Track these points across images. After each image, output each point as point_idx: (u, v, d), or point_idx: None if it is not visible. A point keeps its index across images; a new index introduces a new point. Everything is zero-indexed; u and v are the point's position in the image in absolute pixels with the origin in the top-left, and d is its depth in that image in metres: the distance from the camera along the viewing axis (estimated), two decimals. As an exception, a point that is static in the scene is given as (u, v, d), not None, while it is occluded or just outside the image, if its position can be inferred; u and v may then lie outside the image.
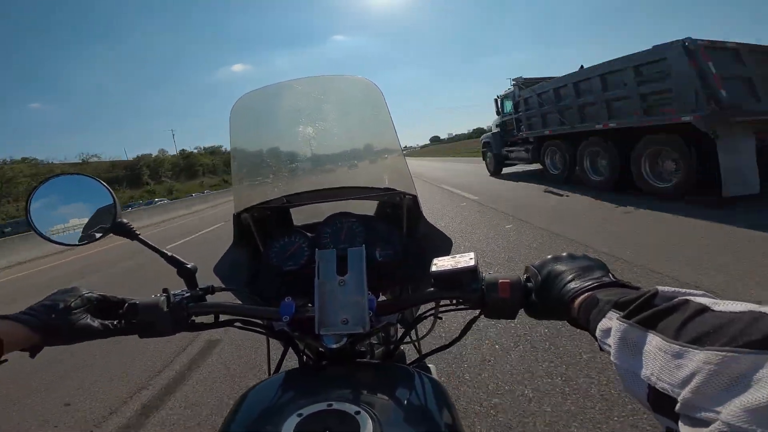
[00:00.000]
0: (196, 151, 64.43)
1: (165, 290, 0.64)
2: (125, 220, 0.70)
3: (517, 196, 7.28)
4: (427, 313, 0.71)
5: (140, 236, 0.70)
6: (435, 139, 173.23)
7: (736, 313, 0.29)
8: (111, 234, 0.70)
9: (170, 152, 62.38)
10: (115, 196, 0.69)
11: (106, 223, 0.69)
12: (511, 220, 5.31)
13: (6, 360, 0.49)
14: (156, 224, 14.65)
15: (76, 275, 6.82)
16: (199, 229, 10.47)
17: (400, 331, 0.88)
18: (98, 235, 0.70)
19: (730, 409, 0.24)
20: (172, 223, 14.33)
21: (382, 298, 0.87)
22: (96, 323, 0.58)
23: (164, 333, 0.62)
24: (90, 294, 0.60)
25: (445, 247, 0.82)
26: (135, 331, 0.61)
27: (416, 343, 0.97)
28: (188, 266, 0.69)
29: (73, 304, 0.56)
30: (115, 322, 0.60)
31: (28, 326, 0.51)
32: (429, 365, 0.91)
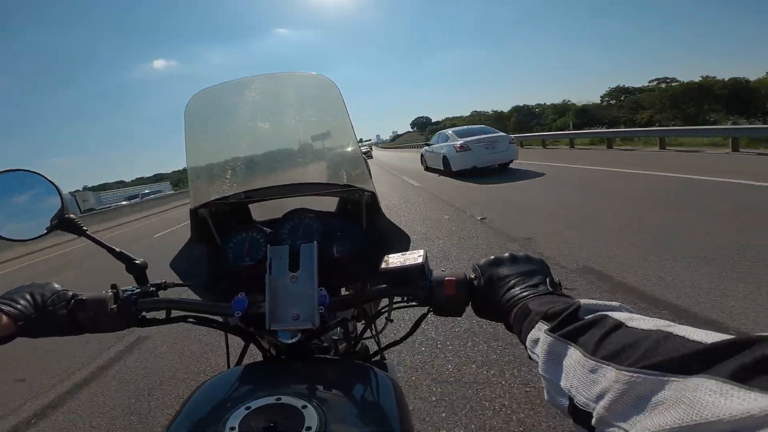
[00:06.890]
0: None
1: (113, 286, 0.64)
2: (72, 216, 0.69)
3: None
4: (384, 310, 0.72)
5: (87, 232, 0.69)
6: (421, 123, 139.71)
7: (645, 330, 0.30)
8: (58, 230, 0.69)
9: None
10: (61, 191, 0.68)
11: (54, 219, 0.68)
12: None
13: None
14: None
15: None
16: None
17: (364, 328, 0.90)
18: (45, 231, 0.69)
19: (637, 429, 0.25)
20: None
21: (345, 293, 0.88)
22: (67, 321, 0.59)
23: (111, 328, 0.62)
24: (64, 291, 0.61)
25: (402, 243, 0.82)
26: (83, 326, 0.61)
27: (376, 338, 0.98)
28: (137, 262, 0.69)
29: (49, 300, 0.58)
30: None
31: (9, 316, 0.52)
32: (387, 362, 0.93)
